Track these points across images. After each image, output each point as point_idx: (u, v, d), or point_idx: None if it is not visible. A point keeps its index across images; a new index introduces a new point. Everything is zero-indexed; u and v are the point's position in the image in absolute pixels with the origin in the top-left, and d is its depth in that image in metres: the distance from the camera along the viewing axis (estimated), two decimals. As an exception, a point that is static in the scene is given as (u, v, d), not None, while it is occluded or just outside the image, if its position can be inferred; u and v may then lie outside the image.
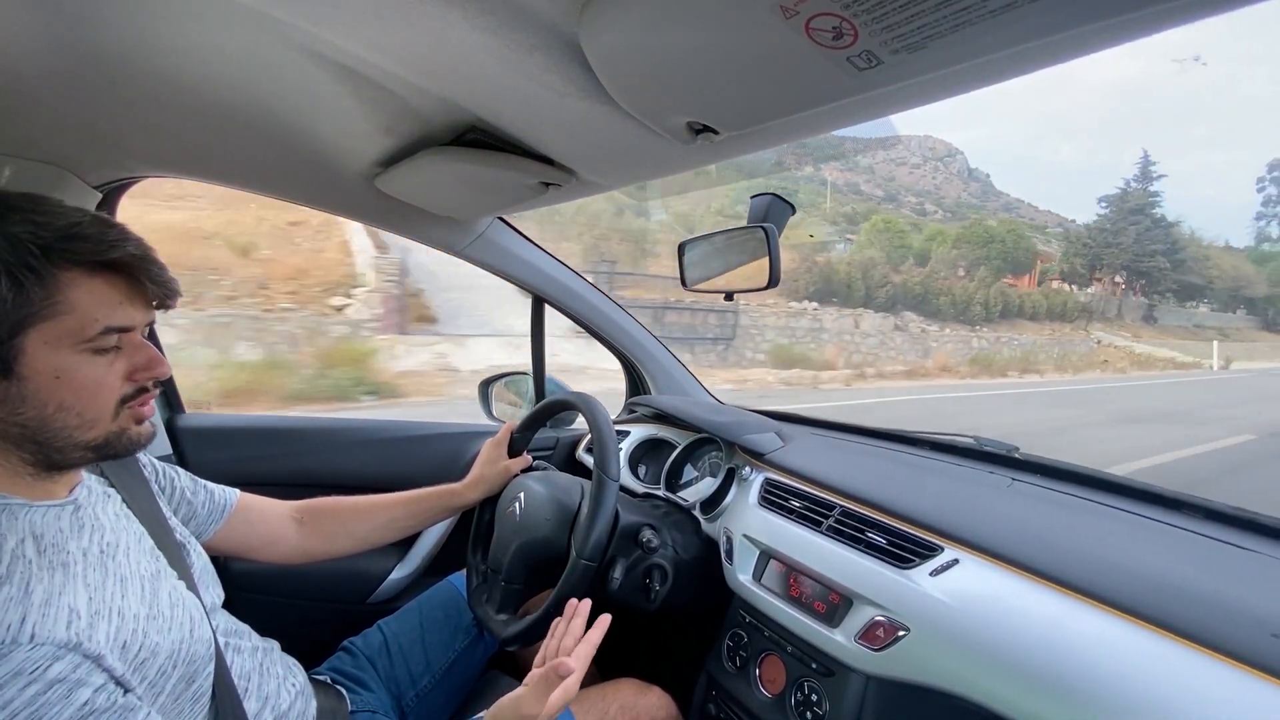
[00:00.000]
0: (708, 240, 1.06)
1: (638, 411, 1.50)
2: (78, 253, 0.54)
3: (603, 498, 0.87)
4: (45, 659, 0.48)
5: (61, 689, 0.48)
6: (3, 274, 0.50)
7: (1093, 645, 0.59)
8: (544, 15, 0.49)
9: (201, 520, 0.82)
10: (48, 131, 0.82)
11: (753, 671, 0.90)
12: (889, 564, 0.77)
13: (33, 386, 0.53)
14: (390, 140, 0.82)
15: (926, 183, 63.03)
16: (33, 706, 0.46)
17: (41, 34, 0.60)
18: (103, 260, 0.55)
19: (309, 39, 0.57)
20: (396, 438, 1.39)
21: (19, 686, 0.46)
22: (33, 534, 0.54)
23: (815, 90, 0.49)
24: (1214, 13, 0.35)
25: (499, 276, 1.33)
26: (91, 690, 0.49)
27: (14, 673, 0.46)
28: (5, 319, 0.51)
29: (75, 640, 0.50)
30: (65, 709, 0.47)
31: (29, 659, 0.47)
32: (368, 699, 0.91)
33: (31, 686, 0.46)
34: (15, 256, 0.51)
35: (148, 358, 0.60)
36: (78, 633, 0.51)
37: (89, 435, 0.57)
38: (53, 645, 0.49)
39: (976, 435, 1.13)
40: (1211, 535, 0.75)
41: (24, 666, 0.46)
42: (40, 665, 0.47)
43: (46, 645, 0.48)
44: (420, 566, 1.33)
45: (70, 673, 0.49)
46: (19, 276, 0.51)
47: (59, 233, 0.53)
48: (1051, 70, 0.44)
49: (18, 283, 0.51)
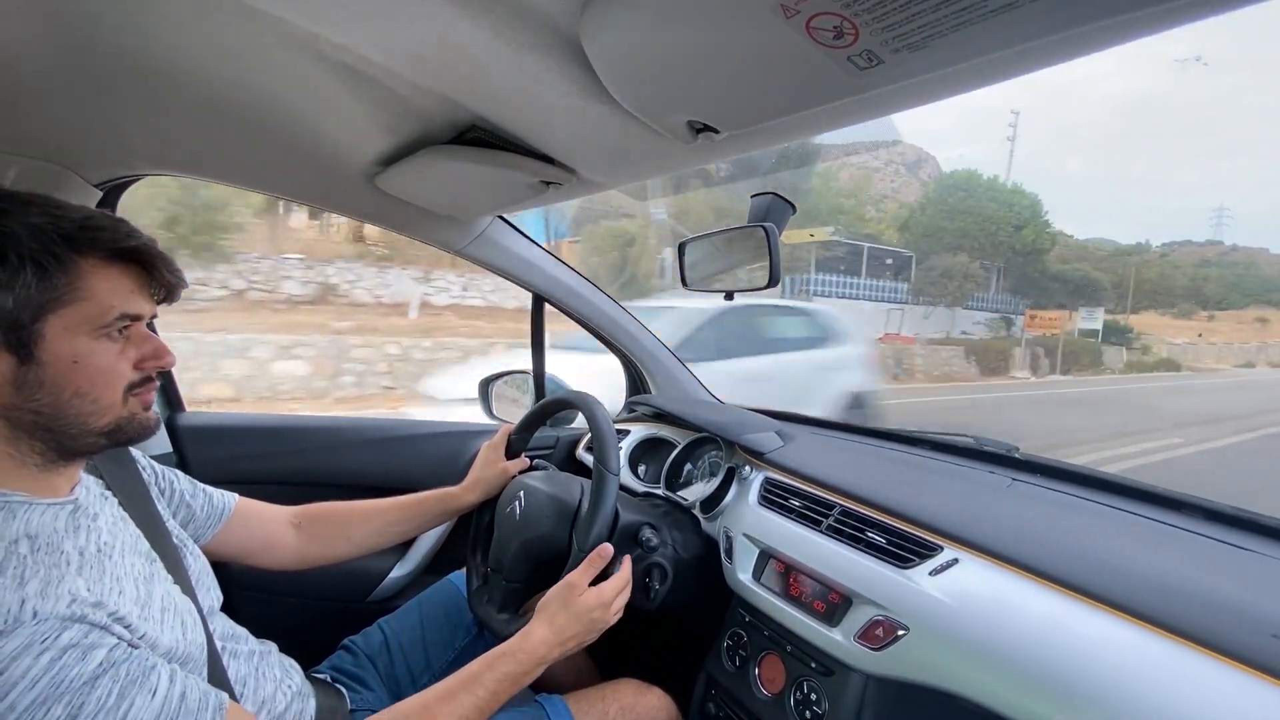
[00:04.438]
0: (707, 240, 1.06)
1: (638, 411, 1.50)
2: (98, 241, 0.56)
3: (604, 491, 0.87)
4: (53, 630, 0.48)
5: (76, 652, 0.48)
6: (28, 261, 0.52)
7: (1092, 645, 0.59)
8: (545, 14, 0.49)
9: (200, 524, 0.82)
10: (48, 129, 0.82)
11: (752, 671, 0.90)
12: (889, 563, 0.77)
13: (51, 372, 0.54)
14: (391, 139, 0.82)
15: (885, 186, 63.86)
16: (51, 672, 0.46)
17: (42, 32, 0.60)
18: (120, 249, 0.57)
19: (310, 37, 0.57)
20: (396, 436, 1.39)
21: (33, 655, 0.46)
22: (28, 534, 0.54)
23: (816, 89, 0.49)
24: (1214, 13, 0.35)
25: (499, 275, 1.33)
26: (106, 649, 0.50)
27: (25, 645, 0.46)
28: (29, 304, 0.53)
29: (79, 614, 0.50)
30: (85, 667, 0.48)
31: (37, 631, 0.47)
32: (368, 698, 0.91)
33: (45, 654, 0.46)
34: (40, 244, 0.53)
35: (155, 347, 0.62)
36: (80, 609, 0.51)
37: (101, 422, 0.58)
38: (57, 619, 0.49)
39: (976, 435, 1.13)
40: (1211, 535, 0.75)
41: (33, 639, 0.47)
42: (49, 635, 0.47)
43: (51, 619, 0.48)
44: (420, 565, 1.34)
45: (82, 638, 0.49)
46: (44, 263, 0.53)
47: (78, 223, 0.55)
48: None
49: (42, 269, 0.53)
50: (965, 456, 1.09)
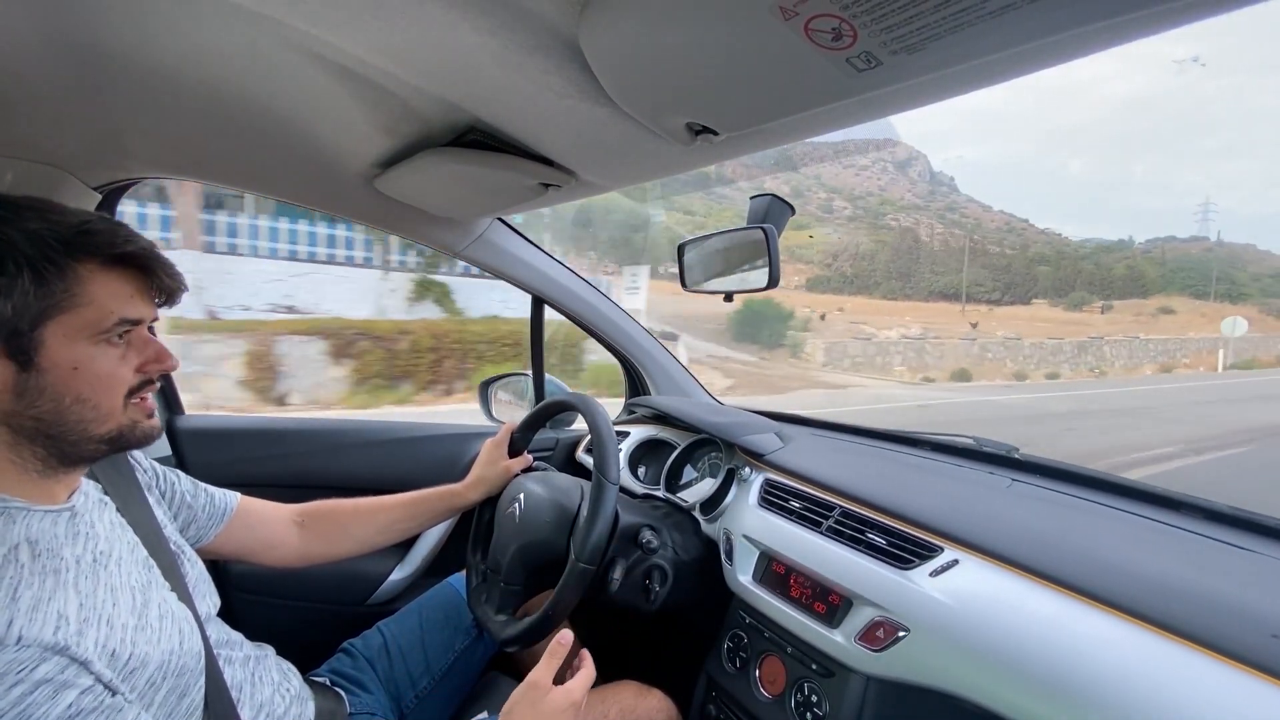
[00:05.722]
0: (707, 241, 1.06)
1: (637, 412, 1.50)
2: (94, 246, 0.56)
3: (602, 501, 0.87)
4: (31, 660, 0.47)
5: (48, 689, 0.47)
6: (25, 267, 0.52)
7: (1093, 646, 0.59)
8: (544, 16, 0.49)
9: (202, 524, 0.82)
10: (47, 132, 0.82)
11: (753, 672, 0.90)
12: (889, 565, 0.77)
13: (51, 379, 0.54)
14: (390, 141, 0.82)
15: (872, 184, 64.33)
16: (19, 707, 0.45)
17: (41, 35, 0.60)
18: (118, 254, 0.57)
19: (308, 40, 0.57)
20: (396, 439, 1.39)
21: (4, 687, 0.45)
22: (28, 539, 0.54)
23: (814, 91, 0.49)
24: (1214, 13, 0.35)
25: (498, 277, 1.33)
26: (78, 692, 0.49)
27: (0, 673, 0.46)
28: (27, 311, 0.52)
29: (63, 644, 0.50)
30: (52, 709, 0.47)
31: (15, 660, 0.47)
32: (367, 701, 0.91)
33: (17, 687, 0.46)
34: (36, 250, 0.53)
35: (156, 351, 0.61)
36: (65, 637, 0.50)
37: (103, 428, 0.58)
38: (39, 647, 0.48)
39: (976, 436, 1.13)
40: (1211, 536, 0.75)
41: (9, 668, 0.46)
42: (26, 666, 0.47)
43: (33, 647, 0.48)
44: (420, 568, 1.33)
45: (57, 674, 0.48)
46: (41, 269, 0.53)
47: (74, 228, 0.55)
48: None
49: (40, 275, 0.53)
50: (965, 457, 1.09)
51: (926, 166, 74.52)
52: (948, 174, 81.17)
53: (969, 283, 40.41)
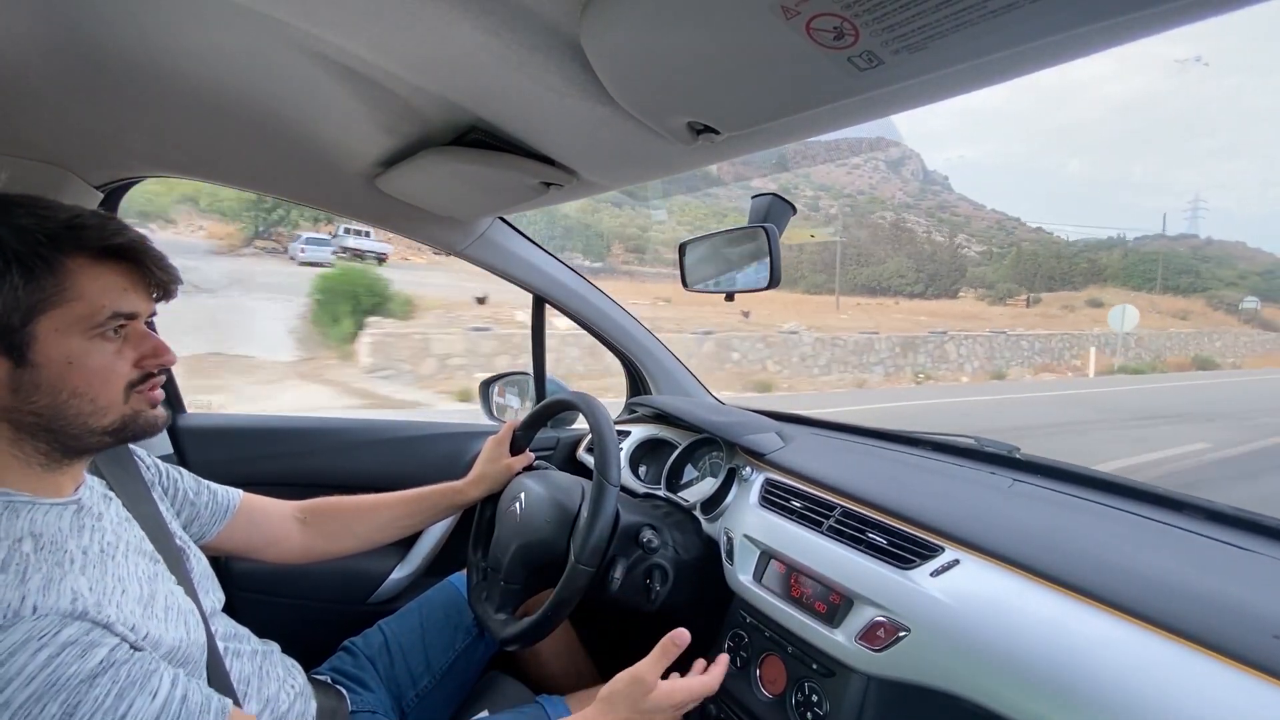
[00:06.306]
0: (708, 240, 1.06)
1: (638, 412, 1.50)
2: (84, 240, 0.55)
3: (602, 501, 0.87)
4: (53, 626, 0.47)
5: (75, 650, 0.47)
6: (13, 263, 0.52)
7: (1094, 646, 0.59)
8: (545, 16, 0.49)
9: (205, 521, 0.82)
10: (49, 132, 0.82)
11: (753, 672, 0.90)
12: (889, 564, 0.77)
13: (46, 374, 0.54)
14: (391, 140, 0.82)
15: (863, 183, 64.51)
16: (48, 669, 0.45)
17: (43, 34, 0.60)
18: (108, 246, 0.57)
19: (310, 39, 0.57)
20: (397, 438, 1.39)
21: (30, 652, 0.45)
22: (32, 532, 0.54)
23: (816, 90, 0.49)
24: (1214, 13, 0.35)
25: (499, 277, 1.33)
26: (108, 649, 0.49)
27: (22, 641, 0.45)
28: (18, 307, 0.52)
29: (82, 609, 0.50)
30: (83, 666, 0.47)
31: (35, 627, 0.47)
32: (368, 699, 0.91)
33: (43, 651, 0.46)
34: (25, 245, 0.53)
35: (153, 346, 0.61)
36: (84, 606, 0.50)
37: (103, 421, 0.58)
38: (58, 615, 0.48)
39: (977, 436, 1.13)
40: (1212, 536, 0.75)
41: (31, 634, 0.46)
42: (49, 631, 0.47)
43: (51, 615, 0.48)
44: (421, 567, 1.33)
45: (82, 636, 0.48)
46: (29, 265, 0.53)
47: (63, 223, 0.55)
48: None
49: (29, 271, 0.53)
50: (966, 457, 1.09)
51: (920, 165, 74.78)
52: (942, 173, 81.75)
53: (892, 274, 39.56)
